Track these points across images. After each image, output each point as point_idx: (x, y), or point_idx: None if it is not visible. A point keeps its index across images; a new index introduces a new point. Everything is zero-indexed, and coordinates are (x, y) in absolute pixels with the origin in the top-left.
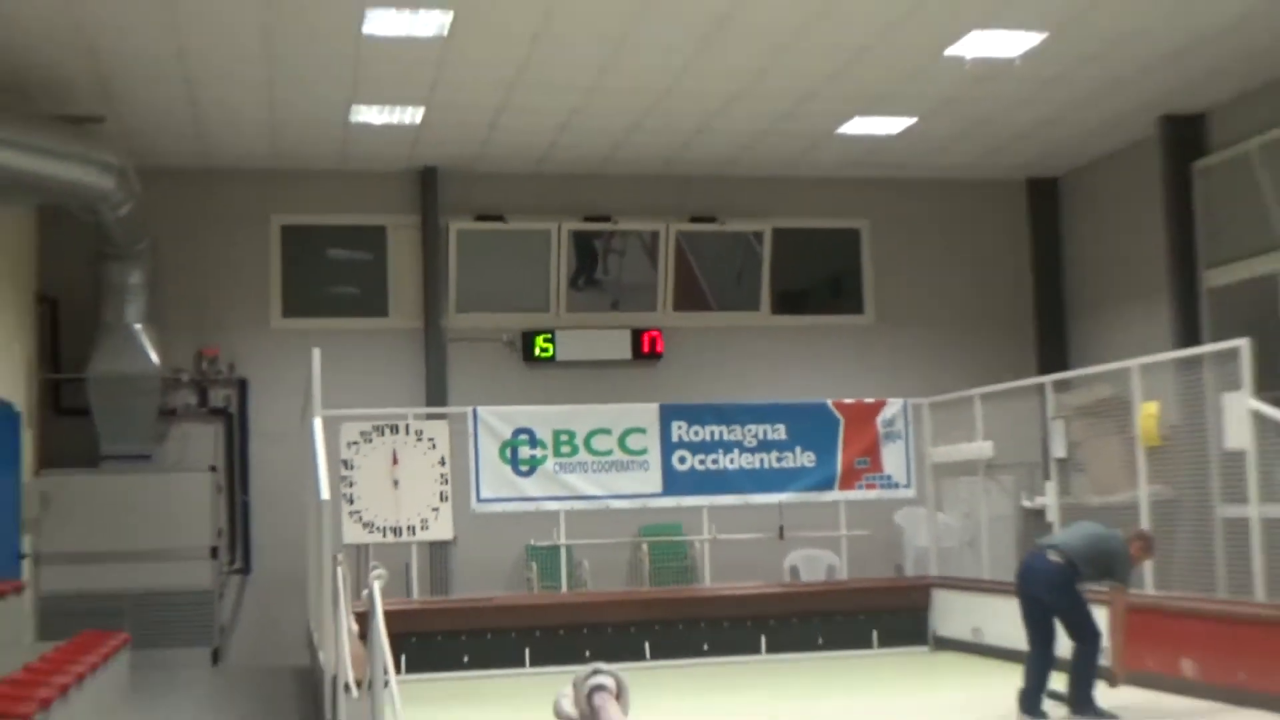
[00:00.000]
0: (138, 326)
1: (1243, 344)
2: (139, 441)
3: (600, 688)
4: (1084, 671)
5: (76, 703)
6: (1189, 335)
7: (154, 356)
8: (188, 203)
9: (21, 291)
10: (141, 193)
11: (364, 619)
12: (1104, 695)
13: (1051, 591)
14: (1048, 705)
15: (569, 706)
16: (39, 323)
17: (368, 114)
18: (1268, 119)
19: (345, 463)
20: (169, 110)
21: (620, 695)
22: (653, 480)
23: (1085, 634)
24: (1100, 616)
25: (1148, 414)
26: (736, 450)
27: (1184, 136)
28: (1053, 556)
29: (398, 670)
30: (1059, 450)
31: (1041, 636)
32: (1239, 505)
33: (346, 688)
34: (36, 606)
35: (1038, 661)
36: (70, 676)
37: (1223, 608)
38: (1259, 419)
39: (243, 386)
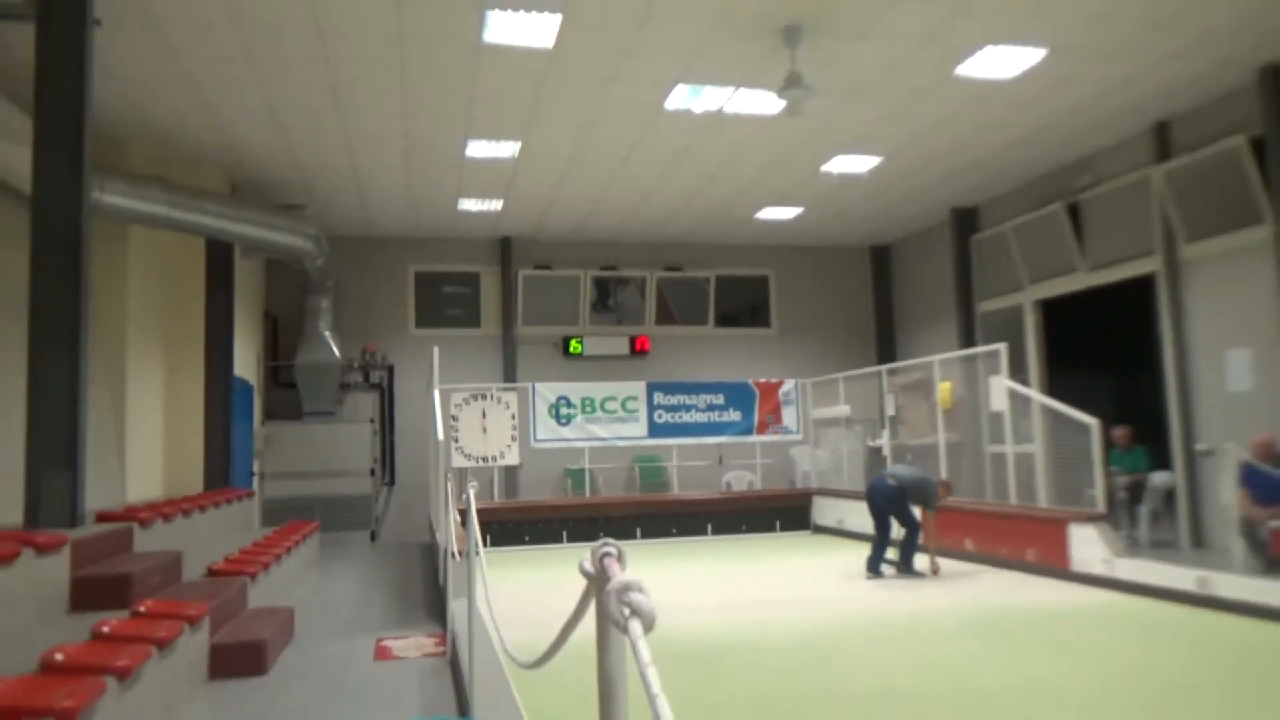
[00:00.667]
0: (326, 333)
1: (1001, 347)
2: (327, 404)
3: (607, 554)
4: (909, 547)
5: (287, 563)
6: (969, 341)
7: (336, 351)
8: (358, 257)
9: (256, 311)
10: (329, 250)
11: (464, 513)
12: (921, 565)
13: (888, 502)
14: (884, 567)
15: (588, 566)
16: (265, 330)
17: (468, 204)
18: (1014, 210)
19: (453, 417)
20: (346, 201)
21: (620, 559)
22: (641, 428)
23: (910, 525)
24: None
25: (944, 389)
26: (694, 410)
27: (965, 221)
28: (891, 480)
29: (484, 544)
30: (890, 410)
31: (882, 525)
32: (999, 445)
33: (452, 555)
34: (262, 506)
35: (879, 540)
36: (283, 548)
37: (989, 508)
38: (1011, 393)
39: (391, 370)
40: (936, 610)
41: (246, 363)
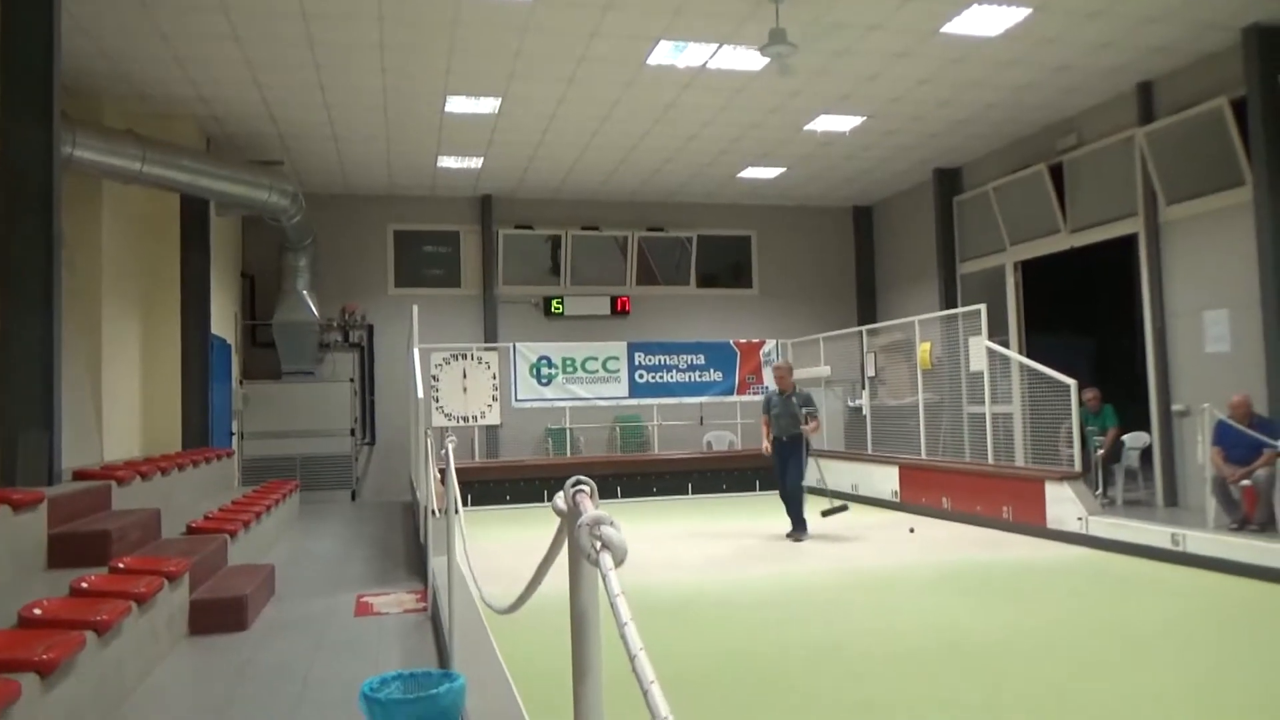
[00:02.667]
0: (305, 292)
1: (981, 308)
2: (306, 363)
3: (580, 490)
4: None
5: (267, 521)
6: (950, 301)
7: (315, 310)
8: (337, 215)
9: (233, 270)
10: (307, 208)
11: (443, 471)
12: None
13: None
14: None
15: (561, 503)
16: (242, 289)
17: (448, 162)
18: (998, 171)
19: (434, 376)
20: (324, 157)
21: (592, 495)
22: (623, 388)
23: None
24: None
25: (924, 350)
26: (674, 370)
27: (948, 181)
28: (785, 439)
29: (464, 504)
30: (870, 371)
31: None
32: (978, 405)
33: (432, 513)
34: (242, 465)
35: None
36: (263, 506)
37: (967, 466)
38: (990, 353)
39: (371, 330)
40: (913, 565)
41: (224, 322)
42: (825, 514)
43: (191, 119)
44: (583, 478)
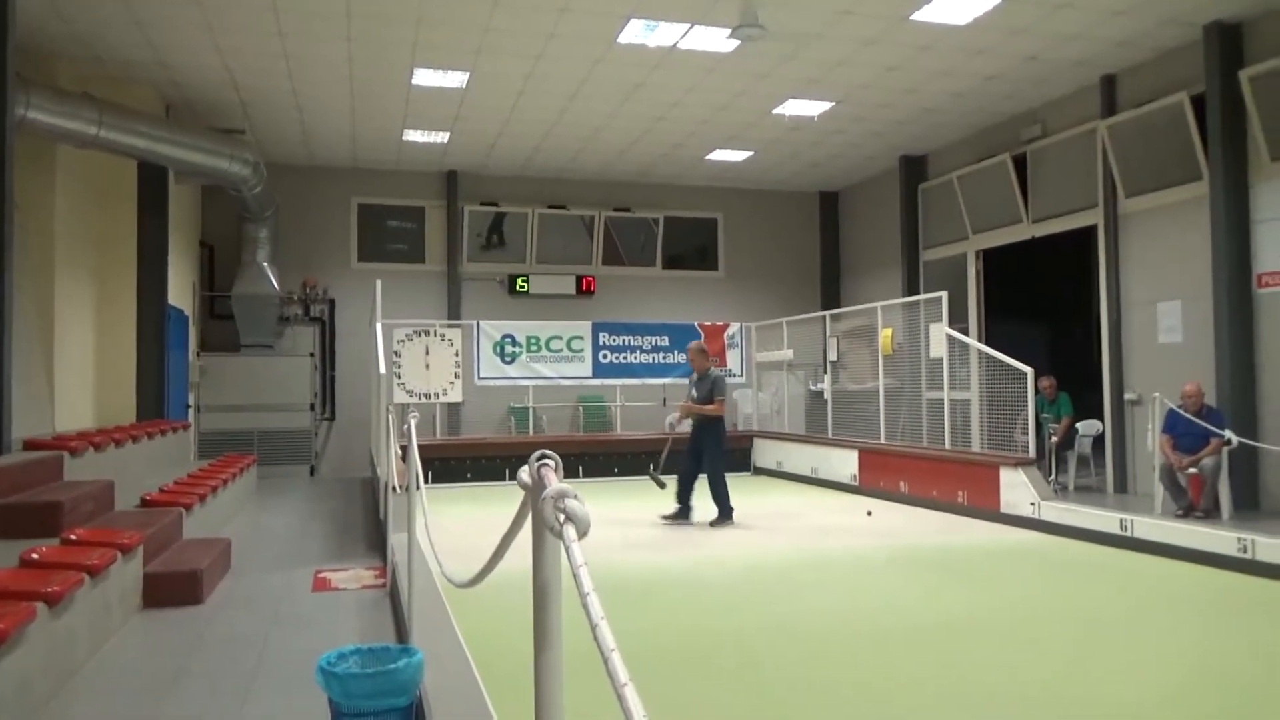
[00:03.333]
0: (265, 264)
1: (943, 295)
2: (265, 336)
3: (544, 464)
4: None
5: (224, 495)
6: (912, 288)
7: (275, 283)
8: (299, 186)
9: (191, 239)
10: (269, 179)
11: (405, 448)
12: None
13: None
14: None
15: (525, 476)
16: (201, 259)
17: (414, 136)
18: (962, 160)
19: (396, 353)
20: (287, 127)
21: (557, 469)
22: (586, 368)
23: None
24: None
25: (885, 336)
26: (638, 351)
27: (914, 169)
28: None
29: (425, 481)
30: (832, 355)
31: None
32: (937, 391)
33: (393, 489)
34: (198, 439)
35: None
36: (219, 480)
37: (925, 451)
38: (950, 340)
39: (332, 304)
40: (869, 548)
41: (181, 292)
42: (651, 477)
43: (150, 84)
44: (547, 452)
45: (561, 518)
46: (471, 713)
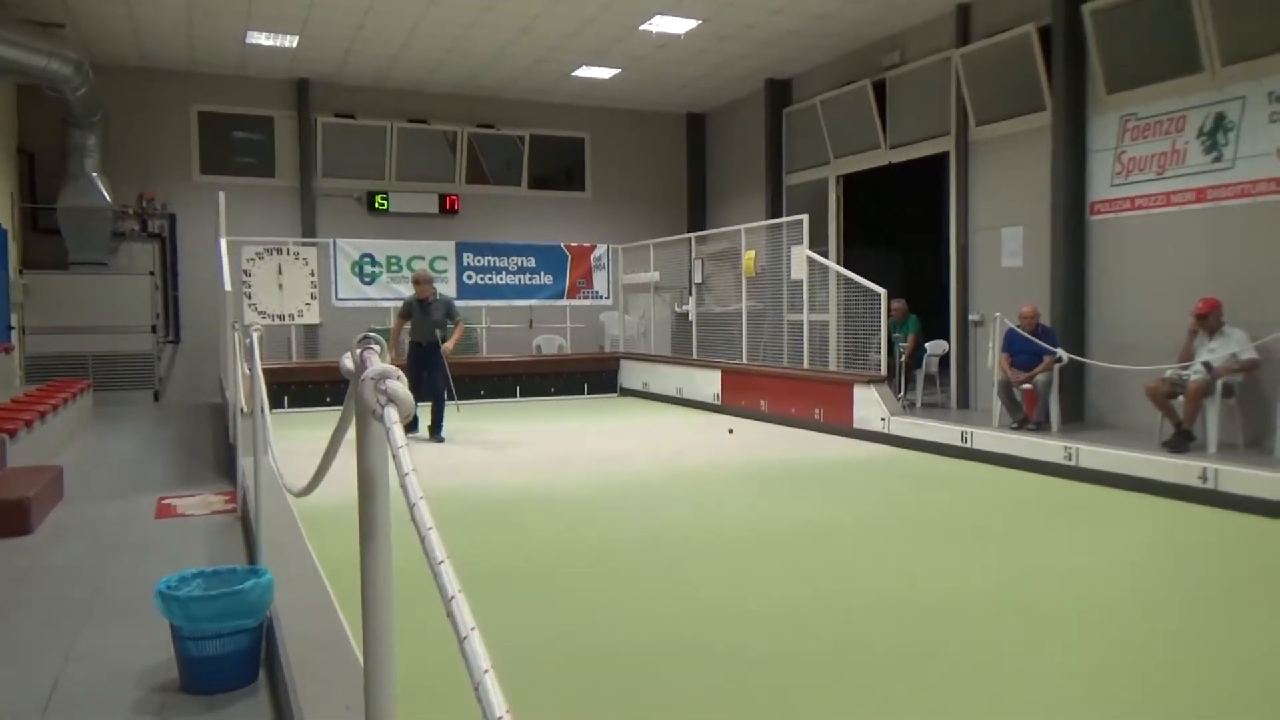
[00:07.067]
0: (94, 174)
1: (804, 218)
2: (97, 253)
3: (368, 347)
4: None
5: (54, 421)
6: (776, 212)
7: (107, 195)
8: (131, 90)
9: (7, 145)
10: (95, 80)
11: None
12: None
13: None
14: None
15: (348, 362)
16: (19, 168)
17: (259, 38)
18: (826, 85)
19: (245, 272)
20: (113, 23)
21: (382, 354)
22: (451, 289)
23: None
24: None
25: (748, 258)
26: (504, 272)
27: (779, 93)
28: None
29: (283, 406)
30: (698, 278)
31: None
32: (797, 313)
33: (241, 411)
34: (24, 363)
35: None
36: (48, 405)
37: (784, 371)
38: (810, 262)
39: (173, 220)
40: (731, 463)
41: None
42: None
43: None
44: (373, 334)
45: (383, 399)
46: (325, 632)
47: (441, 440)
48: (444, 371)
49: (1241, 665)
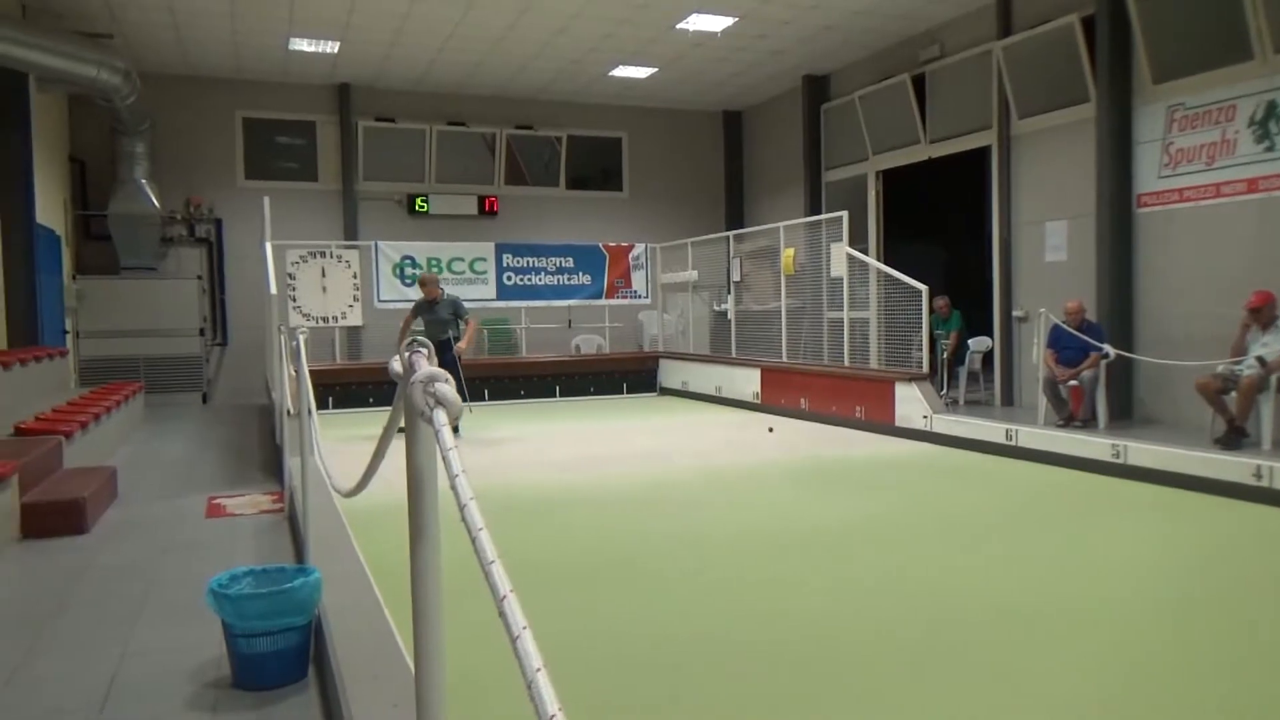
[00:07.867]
0: (143, 181)
1: (844, 215)
2: (147, 258)
3: (416, 352)
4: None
5: (108, 423)
6: (815, 209)
7: (155, 201)
8: (178, 98)
9: (59, 153)
10: (143, 89)
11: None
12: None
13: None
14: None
15: (397, 365)
16: (72, 176)
17: (301, 44)
18: (864, 81)
19: (290, 275)
20: (160, 33)
21: (430, 358)
22: (491, 290)
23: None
24: None
25: (787, 256)
26: (543, 273)
27: (817, 89)
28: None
29: (327, 407)
30: (736, 276)
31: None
32: (837, 310)
33: (288, 412)
34: (78, 367)
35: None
36: (102, 407)
37: (824, 369)
38: (850, 259)
39: (219, 224)
40: (771, 462)
41: (52, 210)
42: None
43: None
44: (420, 338)
45: (432, 402)
46: (372, 630)
47: (458, 437)
48: (456, 371)
49: None
